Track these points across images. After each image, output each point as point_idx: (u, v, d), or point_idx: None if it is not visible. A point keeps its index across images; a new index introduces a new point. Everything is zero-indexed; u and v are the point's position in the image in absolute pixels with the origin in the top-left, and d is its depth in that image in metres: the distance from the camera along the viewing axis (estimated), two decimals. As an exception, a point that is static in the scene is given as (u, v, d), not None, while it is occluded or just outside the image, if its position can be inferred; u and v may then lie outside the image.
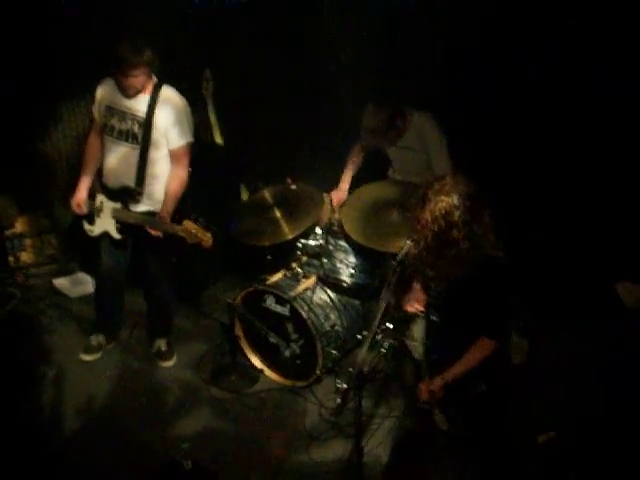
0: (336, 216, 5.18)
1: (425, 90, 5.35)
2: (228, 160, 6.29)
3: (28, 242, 6.52)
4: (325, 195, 5.27)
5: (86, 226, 5.03)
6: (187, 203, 4.98)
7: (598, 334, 4.89)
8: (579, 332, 5.01)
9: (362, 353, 3.26)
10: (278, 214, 5.17)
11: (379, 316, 3.29)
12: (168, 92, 4.74)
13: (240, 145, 6.34)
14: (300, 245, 5.21)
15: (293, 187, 5.23)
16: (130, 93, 4.67)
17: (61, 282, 6.31)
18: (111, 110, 4.78)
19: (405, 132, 5.03)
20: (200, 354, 5.47)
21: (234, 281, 6.25)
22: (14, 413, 4.72)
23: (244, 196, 6.33)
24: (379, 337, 4.93)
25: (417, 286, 3.68)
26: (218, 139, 6.23)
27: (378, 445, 4.48)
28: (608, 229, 5.08)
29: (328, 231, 5.13)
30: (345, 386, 4.74)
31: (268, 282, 5.14)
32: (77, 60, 5.85)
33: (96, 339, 5.46)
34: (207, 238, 4.61)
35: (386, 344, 4.89)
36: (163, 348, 5.41)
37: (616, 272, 4.88)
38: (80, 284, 6.28)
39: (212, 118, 6.18)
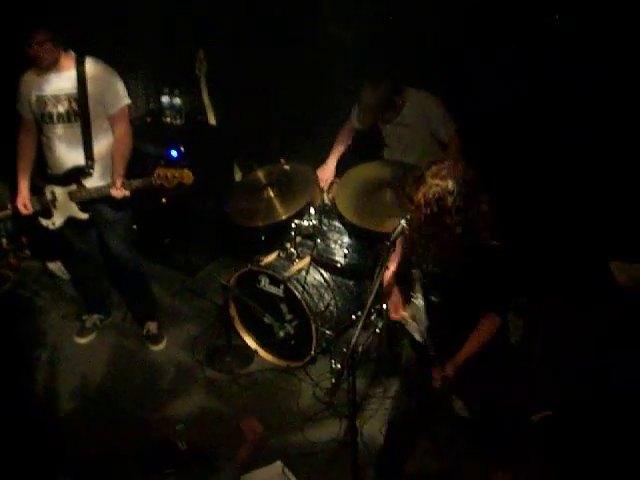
0: (328, 196, 5.17)
1: (421, 69, 5.33)
2: (221, 140, 6.28)
3: (21, 224, 6.48)
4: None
5: (44, 222, 4.95)
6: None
7: (593, 313, 4.91)
8: (574, 311, 5.04)
9: (356, 333, 3.25)
10: (272, 194, 5.15)
11: (373, 296, 3.28)
12: (93, 62, 4.69)
13: (233, 125, 6.32)
14: (294, 225, 5.19)
15: (286, 167, 5.20)
16: (44, 65, 4.57)
17: (54, 264, 6.28)
18: (42, 98, 4.68)
19: (402, 108, 5.01)
20: (194, 335, 5.48)
21: (228, 262, 6.25)
22: (9, 395, 4.72)
23: (237, 176, 6.32)
24: (373, 317, 4.96)
25: (396, 291, 3.68)
26: (211, 119, 6.21)
27: (372, 425, 4.50)
28: (602, 209, 5.08)
29: (322, 211, 5.12)
30: (339, 366, 4.79)
31: (262, 263, 5.13)
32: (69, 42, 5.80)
33: (90, 320, 5.48)
34: (185, 174, 4.58)
35: (380, 324, 4.91)
36: (153, 331, 5.41)
37: (610, 251, 4.89)
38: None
39: (205, 99, 6.16)
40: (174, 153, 5.82)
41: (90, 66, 4.65)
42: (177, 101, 6.11)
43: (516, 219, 4.90)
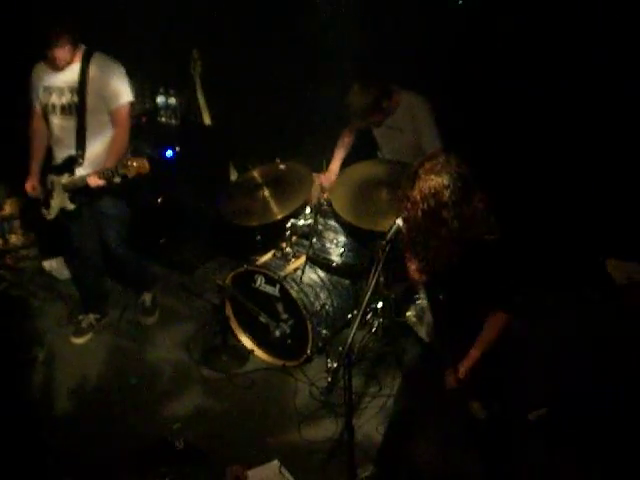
0: (325, 196, 5.17)
1: (413, 70, 5.33)
2: (217, 140, 6.28)
3: (17, 224, 6.50)
4: (315, 176, 5.24)
5: (43, 212, 5.10)
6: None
7: (589, 310, 4.93)
8: (570, 308, 5.05)
9: (352, 332, 3.26)
10: (267, 194, 5.15)
11: (368, 295, 3.29)
12: (99, 57, 4.81)
13: (229, 125, 6.32)
14: (289, 225, 5.20)
15: (282, 167, 5.20)
16: (60, 65, 4.74)
17: (51, 264, 6.29)
18: (49, 89, 4.87)
19: (393, 112, 4.97)
20: (190, 335, 5.48)
21: (224, 262, 6.27)
22: (5, 394, 4.72)
23: (233, 176, 6.32)
24: (369, 316, 4.97)
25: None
26: (206, 119, 6.21)
27: (369, 423, 4.51)
28: (599, 207, 5.10)
29: (317, 211, 5.11)
30: (335, 365, 4.79)
31: (258, 262, 5.13)
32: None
33: (86, 320, 5.51)
34: (142, 164, 4.60)
35: (376, 323, 4.92)
36: (147, 303, 5.59)
37: (606, 249, 4.91)
38: (69, 266, 6.27)
39: (200, 98, 6.16)
40: (169, 153, 5.82)
41: (95, 61, 4.78)
42: (172, 101, 6.12)
43: (513, 217, 4.94)
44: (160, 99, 6.16)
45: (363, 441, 4.30)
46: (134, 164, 4.57)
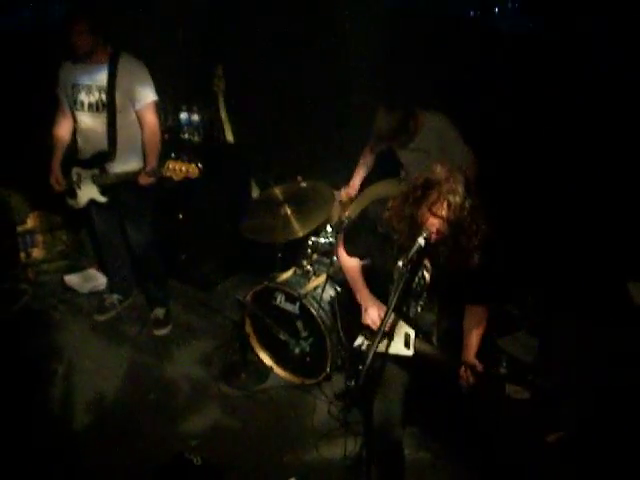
0: (346, 214, 5.17)
1: (435, 90, 5.34)
2: (239, 157, 6.31)
3: (39, 238, 6.57)
4: (335, 193, 5.25)
5: (69, 202, 5.38)
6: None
7: (609, 332, 4.89)
8: (590, 330, 5.01)
9: (371, 351, 3.25)
10: (289, 211, 5.15)
11: (389, 314, 3.28)
12: (126, 58, 5.02)
13: (251, 142, 6.34)
14: (311, 243, 5.21)
15: (304, 184, 5.20)
16: (80, 53, 4.91)
17: (72, 278, 6.33)
18: (77, 87, 5.06)
19: (418, 134, 4.97)
20: (210, 351, 5.49)
21: (244, 278, 6.28)
22: (25, 409, 4.74)
23: (255, 193, 6.34)
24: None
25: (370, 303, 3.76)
26: (229, 136, 6.24)
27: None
28: (620, 228, 5.06)
29: (338, 229, 5.12)
30: (354, 384, 4.78)
31: (278, 280, 5.14)
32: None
33: (109, 299, 5.86)
34: (192, 168, 4.71)
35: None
36: (160, 317, 5.73)
37: (628, 271, 4.87)
38: (90, 280, 6.31)
39: (223, 115, 6.19)
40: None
41: (123, 62, 4.98)
42: (195, 118, 6.17)
43: (534, 236, 4.93)
44: (183, 115, 6.21)
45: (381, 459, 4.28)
46: (182, 168, 4.69)
